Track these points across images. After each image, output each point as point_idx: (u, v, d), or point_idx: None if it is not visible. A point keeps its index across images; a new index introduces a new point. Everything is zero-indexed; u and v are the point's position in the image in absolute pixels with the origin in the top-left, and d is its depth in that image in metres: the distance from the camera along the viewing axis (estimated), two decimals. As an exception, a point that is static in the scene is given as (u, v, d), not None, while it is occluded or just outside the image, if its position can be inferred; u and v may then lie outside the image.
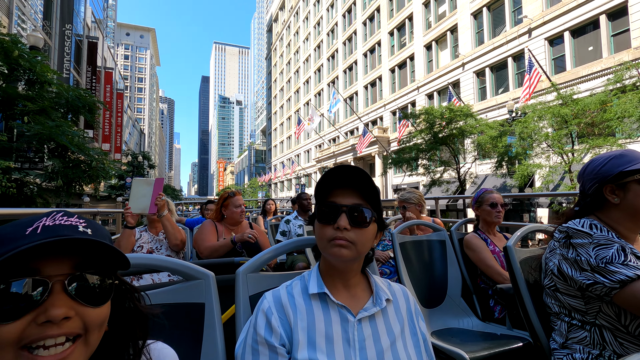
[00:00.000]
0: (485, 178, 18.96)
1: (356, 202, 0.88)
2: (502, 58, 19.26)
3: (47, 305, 0.49)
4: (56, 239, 0.50)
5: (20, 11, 20.47)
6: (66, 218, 0.56)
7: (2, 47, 7.25)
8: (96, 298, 0.54)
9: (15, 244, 0.49)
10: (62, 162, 8.38)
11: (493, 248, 2.31)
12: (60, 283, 0.51)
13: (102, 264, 0.56)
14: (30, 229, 0.52)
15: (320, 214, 0.89)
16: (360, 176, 0.89)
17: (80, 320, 0.52)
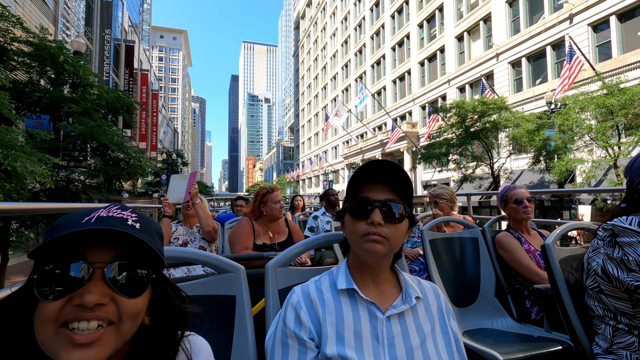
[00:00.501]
0: (520, 173, 18.11)
1: (389, 198, 0.87)
2: (540, 47, 18.25)
3: (84, 290, 0.52)
4: (95, 228, 0.53)
5: (65, 19, 21.81)
6: (120, 211, 0.60)
7: (50, 53, 7.75)
8: (132, 289, 0.56)
9: (68, 230, 0.53)
10: (103, 160, 8.86)
11: (528, 247, 2.21)
12: (100, 270, 0.54)
13: (143, 259, 0.59)
14: (87, 218, 0.56)
15: (352, 209, 0.88)
16: (393, 171, 0.88)
17: (115, 308, 0.54)
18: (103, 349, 0.53)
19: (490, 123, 14.79)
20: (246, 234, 2.53)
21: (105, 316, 0.53)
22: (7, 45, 7.44)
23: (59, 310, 0.52)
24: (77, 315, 0.51)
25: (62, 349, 0.51)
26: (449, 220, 2.46)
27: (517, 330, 2.01)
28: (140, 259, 0.58)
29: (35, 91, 8.34)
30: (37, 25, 15.17)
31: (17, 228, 7.61)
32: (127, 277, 0.56)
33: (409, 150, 28.20)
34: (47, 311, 0.51)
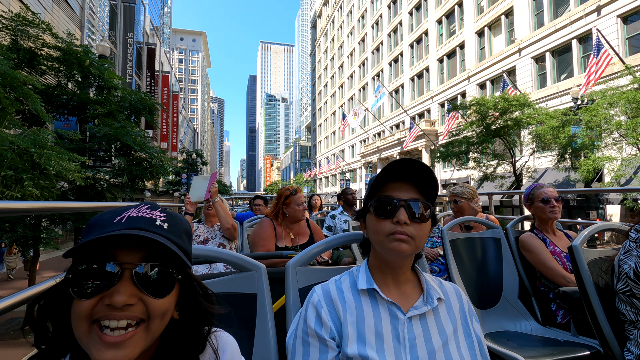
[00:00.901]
0: (544, 172, 17.54)
1: (414, 197, 0.87)
2: (565, 41, 17.60)
3: (114, 290, 0.54)
4: (122, 234, 0.55)
5: (90, 24, 22.59)
6: (149, 211, 0.62)
7: (76, 57, 8.05)
8: (159, 290, 0.58)
9: (103, 230, 0.56)
10: (127, 160, 9.15)
11: (553, 248, 2.13)
12: (129, 271, 0.56)
13: (170, 259, 0.60)
14: (119, 218, 0.58)
15: (377, 208, 0.88)
16: (419, 169, 0.87)
17: (144, 308, 0.56)
18: (134, 349, 0.55)
19: (512, 120, 14.38)
20: (268, 236, 2.50)
21: (134, 315, 0.55)
22: (38, 50, 7.78)
23: (91, 308, 0.54)
24: (108, 314, 0.54)
25: (94, 348, 0.53)
26: (470, 221, 2.40)
27: (542, 333, 1.96)
28: (167, 260, 0.59)
29: (64, 94, 8.69)
30: (64, 30, 15.80)
31: (47, 225, 7.95)
32: (155, 278, 0.57)
33: (427, 149, 27.78)
34: (80, 308, 0.54)
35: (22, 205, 1.29)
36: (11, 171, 3.53)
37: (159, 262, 0.59)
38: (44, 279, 12.21)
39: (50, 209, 1.66)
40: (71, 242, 16.43)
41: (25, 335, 0.63)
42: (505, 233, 2.34)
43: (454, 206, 2.85)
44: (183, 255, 0.59)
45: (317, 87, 67.73)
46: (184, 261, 0.59)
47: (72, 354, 0.59)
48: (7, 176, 3.50)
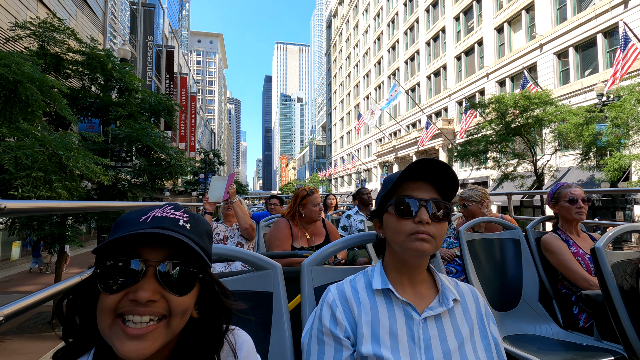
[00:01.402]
0: (567, 171, 16.99)
1: (434, 196, 0.88)
2: (589, 35, 16.99)
3: (138, 286, 0.57)
4: (148, 233, 0.58)
5: (112, 28, 23.29)
6: (173, 211, 0.64)
7: (99, 61, 8.33)
8: (181, 287, 0.60)
9: (129, 229, 0.59)
10: (147, 161, 9.39)
11: (576, 250, 2.07)
12: (153, 268, 0.58)
13: (191, 258, 0.62)
14: (144, 217, 0.61)
15: (398, 208, 0.87)
16: (439, 169, 0.88)
17: (166, 304, 0.58)
18: (154, 342, 0.57)
19: (533, 118, 13.96)
20: (284, 237, 2.51)
21: (156, 311, 0.57)
22: (63, 55, 8.09)
23: (116, 303, 0.56)
24: (132, 309, 0.56)
25: (117, 340, 0.56)
26: (485, 221, 2.35)
27: (563, 337, 1.90)
28: (188, 259, 0.61)
29: (87, 96, 9.00)
30: (88, 35, 16.35)
31: (72, 224, 8.25)
32: (177, 276, 0.59)
33: (444, 148, 27.35)
34: (106, 303, 0.56)
35: (54, 205, 1.35)
36: (41, 172, 3.69)
37: (181, 260, 0.61)
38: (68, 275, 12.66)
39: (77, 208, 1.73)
40: (94, 240, 16.99)
41: (54, 329, 0.66)
42: (525, 234, 2.29)
43: (464, 210, 2.77)
44: (204, 255, 0.61)
45: (332, 87, 67.67)
46: (204, 260, 0.61)
47: (97, 348, 0.62)
48: (37, 177, 3.67)
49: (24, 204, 1.00)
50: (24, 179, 3.58)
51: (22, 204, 0.98)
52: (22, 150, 3.65)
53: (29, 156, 3.68)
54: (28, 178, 3.59)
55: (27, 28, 7.34)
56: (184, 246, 0.59)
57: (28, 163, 3.65)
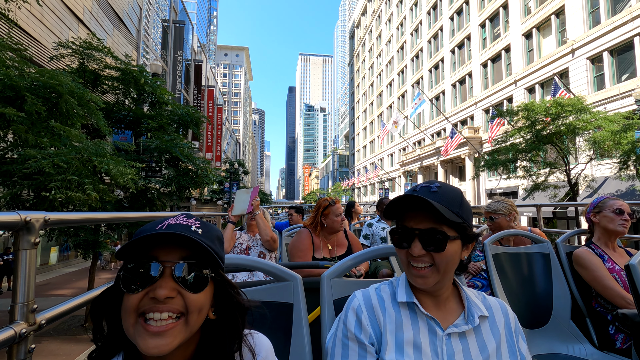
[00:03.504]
0: (604, 181, 16.11)
1: (430, 226, 0.83)
2: (626, 39, 16.22)
3: (156, 285, 0.62)
4: (163, 233, 0.64)
5: (145, 44, 24.53)
6: (186, 219, 0.70)
7: (133, 77, 8.80)
8: (195, 285, 0.65)
9: (145, 234, 0.64)
10: (176, 171, 9.73)
11: (612, 266, 1.96)
12: (169, 268, 0.64)
13: (204, 259, 0.67)
14: (160, 225, 0.67)
15: (393, 239, 0.89)
16: (431, 199, 0.82)
17: (182, 302, 0.63)
18: (174, 339, 0.62)
19: (565, 126, 13.36)
20: (306, 248, 2.50)
21: (174, 308, 0.63)
22: (100, 71, 8.61)
23: (138, 302, 0.62)
24: (152, 307, 0.61)
25: (140, 337, 0.61)
26: (511, 234, 2.27)
27: (598, 359, 1.80)
28: (202, 260, 0.67)
29: (121, 110, 9.50)
30: (123, 52, 17.29)
31: (105, 231, 8.65)
32: (191, 275, 0.65)
33: (470, 157, 26.66)
34: (129, 302, 0.62)
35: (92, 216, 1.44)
36: (75, 177, 3.94)
37: (195, 261, 0.66)
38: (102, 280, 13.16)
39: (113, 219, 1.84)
40: (125, 247, 17.69)
41: (87, 332, 0.73)
42: (555, 248, 2.19)
43: (491, 224, 2.67)
44: (215, 254, 0.66)
45: (355, 96, 67.84)
46: (216, 262, 0.67)
47: (125, 352, 0.67)
48: (72, 180, 3.92)
49: (65, 216, 1.08)
50: (59, 182, 3.83)
51: (63, 216, 1.07)
52: (59, 157, 3.91)
53: (65, 161, 3.95)
54: (63, 181, 3.84)
55: (69, 47, 7.88)
56: (196, 247, 0.65)
57: (64, 167, 3.91)
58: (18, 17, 10.59)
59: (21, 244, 0.89)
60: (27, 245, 0.88)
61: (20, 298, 0.87)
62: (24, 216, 0.87)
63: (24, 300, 0.88)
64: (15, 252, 0.88)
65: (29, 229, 0.89)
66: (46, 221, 0.92)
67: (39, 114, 4.05)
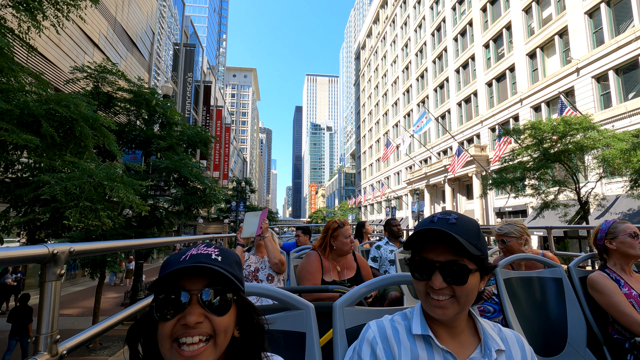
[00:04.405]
0: (615, 200, 15.84)
1: (451, 258, 0.83)
2: (630, 58, 16.31)
3: (186, 312, 0.68)
4: (192, 265, 0.70)
5: (157, 67, 25.29)
6: (206, 248, 0.76)
7: (145, 98, 9.06)
8: (220, 309, 0.71)
9: (173, 267, 0.70)
10: (184, 190, 9.83)
11: (628, 291, 1.91)
12: (196, 296, 0.70)
13: (226, 284, 0.73)
14: (183, 257, 0.73)
15: (413, 270, 0.88)
16: (451, 232, 0.82)
17: (210, 325, 0.70)
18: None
19: (573, 144, 13.29)
20: (315, 271, 2.48)
21: (203, 331, 0.69)
22: (114, 94, 8.87)
23: (171, 329, 0.68)
24: (184, 332, 0.67)
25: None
26: (523, 259, 2.24)
27: (618, 389, 1.74)
28: (224, 285, 0.73)
29: (132, 130, 9.72)
30: (135, 75, 17.83)
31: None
32: (216, 300, 0.71)
33: (478, 175, 26.51)
34: (164, 330, 0.68)
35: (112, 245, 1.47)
36: (88, 202, 4.03)
37: (218, 287, 0.72)
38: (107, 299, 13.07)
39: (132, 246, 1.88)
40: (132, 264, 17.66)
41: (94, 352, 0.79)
42: (568, 272, 2.16)
43: (502, 246, 2.63)
44: (235, 280, 0.72)
45: (361, 115, 68.55)
46: (237, 285, 0.73)
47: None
48: (84, 206, 4.00)
49: (88, 246, 1.12)
50: (73, 209, 3.92)
51: (87, 246, 1.10)
52: (72, 182, 4.02)
53: (77, 187, 4.05)
54: (76, 208, 3.93)
55: (85, 71, 8.17)
56: (217, 274, 0.71)
57: (77, 193, 4.01)
58: (37, 42, 11.05)
59: (47, 275, 0.91)
60: (53, 277, 0.91)
61: (44, 329, 0.89)
62: (52, 249, 0.90)
63: (48, 331, 0.90)
64: (41, 283, 0.91)
65: (55, 261, 0.92)
66: (71, 252, 0.95)
67: (53, 138, 4.17)
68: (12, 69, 4.37)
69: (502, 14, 25.94)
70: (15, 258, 0.82)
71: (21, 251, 0.84)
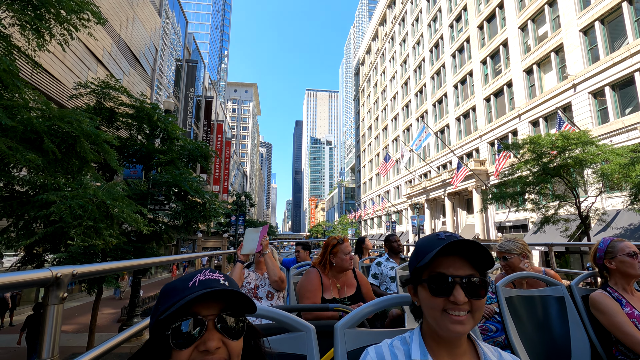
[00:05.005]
0: (616, 214, 15.81)
1: (470, 273, 0.84)
2: (626, 74, 16.56)
3: (204, 338, 0.68)
4: (210, 290, 0.70)
5: (159, 82, 25.63)
6: (212, 274, 0.76)
7: (147, 114, 9.15)
8: (235, 333, 0.72)
9: (183, 294, 0.70)
10: (184, 205, 9.82)
11: (630, 311, 1.90)
12: (212, 321, 0.70)
13: (237, 309, 0.74)
14: (191, 282, 0.73)
15: (431, 286, 0.84)
16: (470, 245, 0.84)
17: (226, 350, 0.70)
18: None
19: (572, 158, 13.35)
20: (314, 288, 2.46)
21: (221, 357, 0.69)
22: (116, 109, 8.97)
23: (189, 356, 0.67)
24: (204, 359, 0.67)
25: None
26: (525, 277, 2.23)
27: (624, 412, 1.70)
28: (237, 309, 0.74)
29: (134, 145, 9.78)
30: (138, 90, 18.06)
31: (112, 265, 8.64)
32: (232, 324, 0.72)
33: (478, 189, 26.52)
34: (181, 357, 0.67)
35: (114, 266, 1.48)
36: (91, 222, 4.04)
37: (232, 311, 0.73)
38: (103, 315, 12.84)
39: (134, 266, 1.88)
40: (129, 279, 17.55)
41: None
42: (570, 291, 2.14)
43: (504, 263, 2.61)
44: (250, 302, 0.74)
45: (360, 130, 69.06)
46: (251, 308, 0.75)
47: None
48: (87, 226, 4.00)
49: (91, 268, 1.12)
50: (77, 228, 3.92)
51: (89, 268, 1.10)
52: (76, 201, 4.02)
53: (81, 206, 4.06)
54: (80, 227, 3.93)
55: (88, 87, 8.29)
56: (231, 299, 0.72)
57: (80, 212, 4.01)
58: (41, 58, 11.23)
59: (50, 299, 0.90)
60: (55, 300, 0.90)
61: (45, 353, 0.88)
62: (55, 272, 0.90)
63: (49, 355, 0.88)
64: (43, 307, 0.89)
65: (58, 285, 0.91)
66: (74, 275, 0.95)
67: (55, 154, 4.20)
68: (17, 85, 4.43)
69: (499, 32, 26.47)
70: (19, 283, 0.81)
71: (25, 276, 0.83)
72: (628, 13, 16.79)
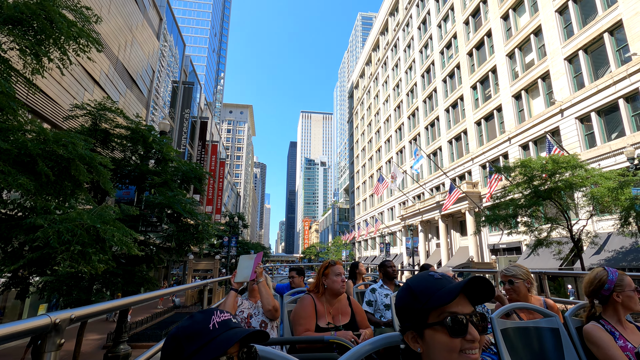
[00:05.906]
0: (608, 237, 15.95)
1: (472, 310, 0.86)
2: (610, 100, 17.16)
3: None
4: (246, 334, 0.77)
5: (155, 103, 25.82)
6: (222, 314, 0.81)
7: (142, 135, 9.17)
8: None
9: (210, 337, 0.75)
10: (176, 226, 9.69)
11: (624, 344, 1.89)
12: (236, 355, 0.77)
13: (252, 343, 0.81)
14: (211, 324, 0.77)
15: (454, 328, 0.83)
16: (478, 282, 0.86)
17: None
18: None
19: (562, 182, 13.59)
20: (308, 316, 2.47)
21: None
22: (112, 130, 8.99)
23: None
24: None
25: None
26: (526, 308, 2.22)
27: None
28: (251, 344, 0.81)
29: (127, 166, 9.74)
30: (133, 111, 18.16)
31: (99, 289, 8.40)
32: (252, 356, 0.80)
33: (470, 211, 26.67)
34: None
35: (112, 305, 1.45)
36: (79, 246, 3.96)
37: (252, 347, 0.81)
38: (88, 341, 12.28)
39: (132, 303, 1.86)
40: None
41: None
42: (564, 322, 2.14)
43: (510, 287, 2.60)
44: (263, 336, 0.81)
45: (354, 151, 69.76)
46: (266, 338, 0.81)
47: None
48: (75, 251, 3.92)
49: (88, 310, 1.10)
50: (65, 253, 3.83)
51: (87, 310, 1.08)
52: (64, 225, 3.95)
53: (70, 230, 3.99)
54: (67, 252, 3.84)
55: (84, 108, 8.33)
56: (253, 334, 0.79)
57: (68, 237, 3.94)
58: (38, 79, 11.30)
59: (47, 346, 0.87)
60: (53, 348, 0.87)
61: None
62: (54, 318, 0.87)
63: None
64: (40, 354, 0.85)
65: (57, 331, 0.89)
66: (72, 319, 0.92)
67: (48, 176, 4.17)
68: (12, 108, 4.45)
69: (487, 59, 27.43)
70: (18, 333, 0.78)
71: (23, 325, 0.80)
72: (609, 43, 17.58)
